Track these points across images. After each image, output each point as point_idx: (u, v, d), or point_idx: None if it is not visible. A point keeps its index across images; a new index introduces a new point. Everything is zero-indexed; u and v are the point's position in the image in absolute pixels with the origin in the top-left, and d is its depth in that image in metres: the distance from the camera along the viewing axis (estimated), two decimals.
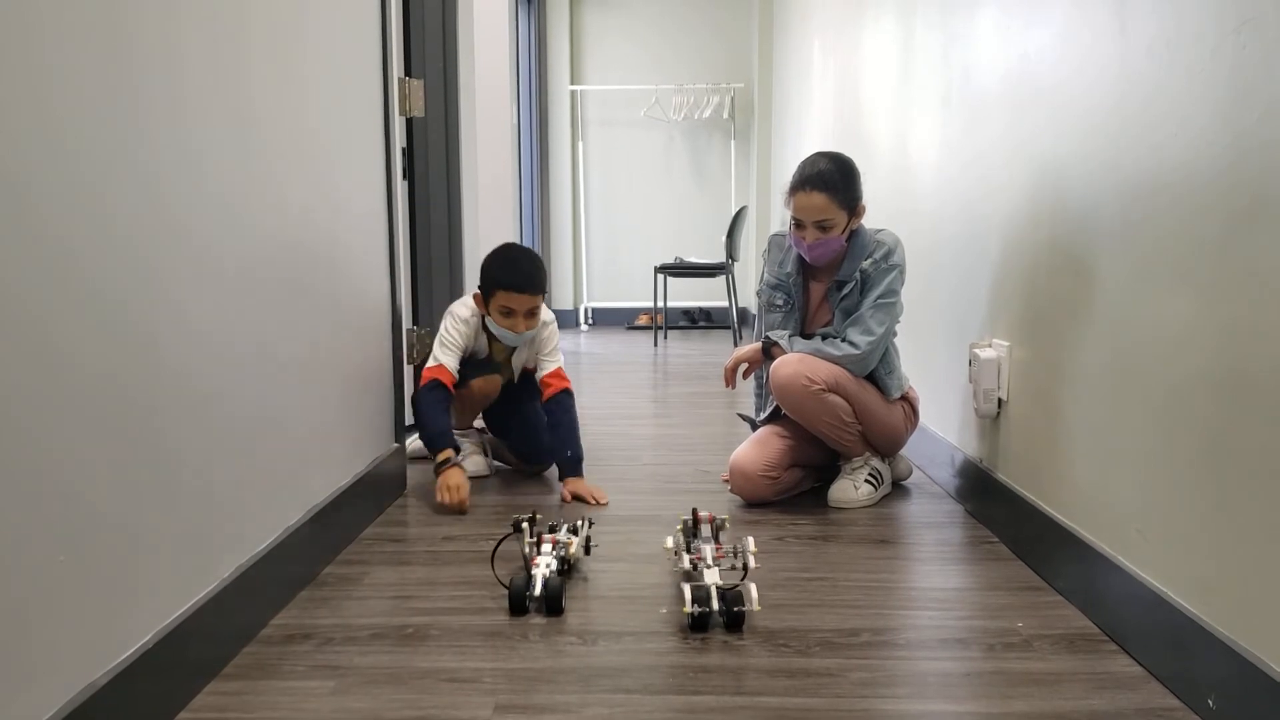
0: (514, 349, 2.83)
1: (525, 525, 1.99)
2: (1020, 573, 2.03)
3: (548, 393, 2.80)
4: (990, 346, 2.31)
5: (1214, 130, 1.41)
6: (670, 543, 1.96)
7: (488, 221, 4.31)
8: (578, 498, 2.60)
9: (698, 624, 1.71)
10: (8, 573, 1.10)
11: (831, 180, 2.46)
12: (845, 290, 2.53)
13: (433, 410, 2.60)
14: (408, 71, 3.18)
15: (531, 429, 2.88)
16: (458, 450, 2.63)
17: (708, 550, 1.85)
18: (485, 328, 2.76)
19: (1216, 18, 1.40)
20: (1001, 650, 1.65)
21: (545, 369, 2.82)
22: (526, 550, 1.96)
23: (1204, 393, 1.44)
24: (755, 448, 2.57)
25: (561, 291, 7.48)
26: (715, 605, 1.70)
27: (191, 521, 1.51)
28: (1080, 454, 1.87)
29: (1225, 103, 1.38)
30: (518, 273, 2.65)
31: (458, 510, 2.44)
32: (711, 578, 1.77)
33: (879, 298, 2.50)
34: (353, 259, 2.29)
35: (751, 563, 1.81)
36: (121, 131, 1.31)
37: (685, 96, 7.21)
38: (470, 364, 2.80)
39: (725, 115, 7.26)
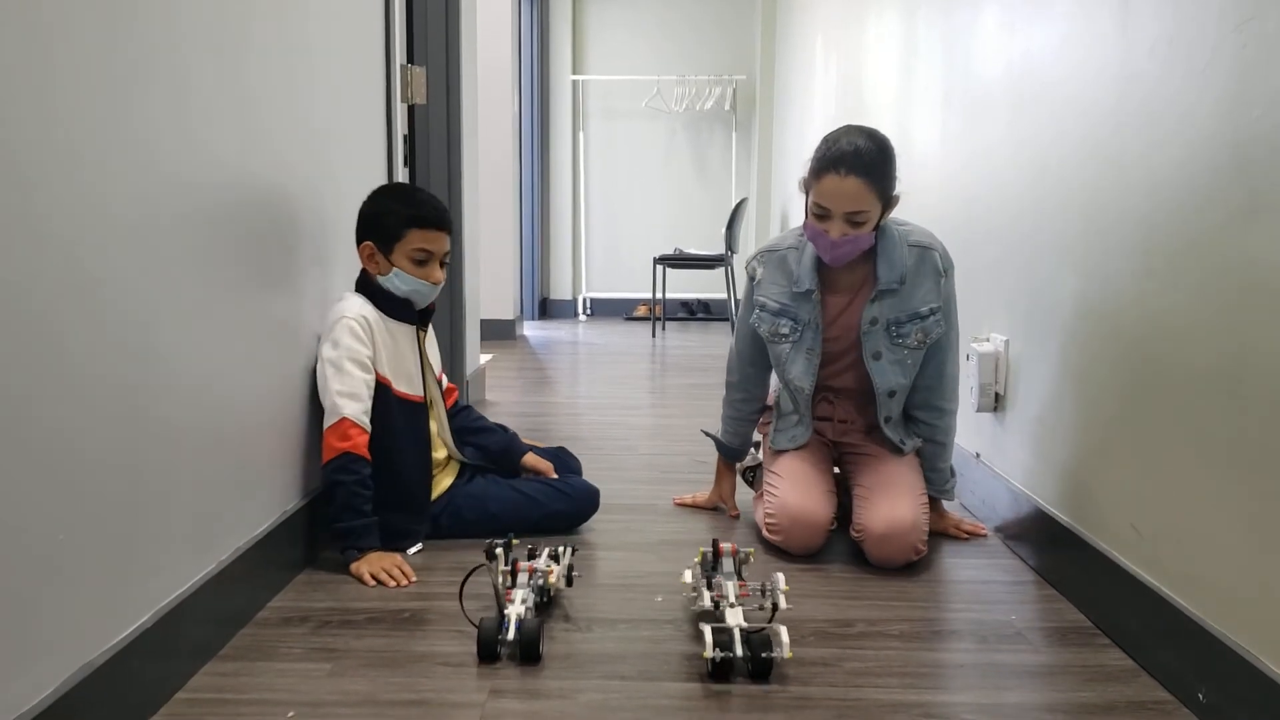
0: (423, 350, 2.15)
1: (499, 553, 1.68)
2: (1014, 566, 2.04)
3: (454, 399, 2.31)
4: (988, 341, 2.32)
5: (1214, 127, 1.42)
6: (688, 577, 1.71)
7: (488, 210, 4.31)
8: (536, 469, 2.29)
9: (719, 672, 1.50)
10: (7, 552, 1.10)
11: (871, 162, 1.95)
12: (886, 300, 2.09)
13: (351, 501, 1.91)
14: (410, 59, 3.18)
15: (513, 491, 2.21)
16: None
17: (730, 587, 1.59)
18: (382, 310, 2.04)
19: (1217, 16, 1.41)
20: (995, 642, 1.66)
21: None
22: (499, 581, 1.66)
23: (1200, 389, 1.45)
24: (811, 492, 2.09)
25: (561, 281, 7.48)
26: (739, 651, 1.49)
27: (190, 504, 1.51)
28: (1076, 449, 1.88)
29: (1225, 100, 1.39)
30: (428, 205, 2.06)
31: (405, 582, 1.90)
32: (734, 618, 1.55)
33: (955, 336, 2.15)
34: (354, 245, 2.28)
35: (782, 603, 1.56)
36: (123, 113, 1.31)
37: (687, 88, 7.20)
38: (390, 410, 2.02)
39: (726, 107, 7.25)
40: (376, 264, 2.05)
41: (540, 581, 1.71)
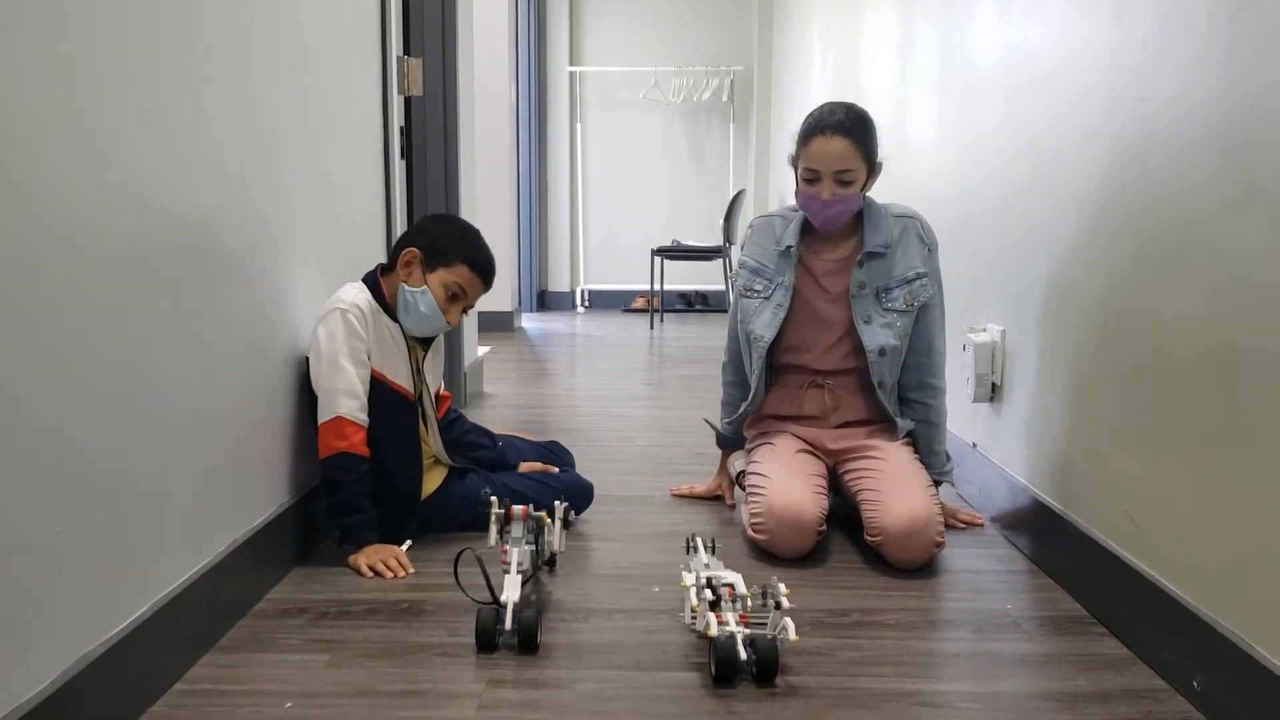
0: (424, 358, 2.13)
1: (493, 499, 1.75)
2: (1010, 555, 2.05)
3: (447, 406, 2.27)
4: (985, 331, 2.32)
5: (1207, 117, 1.42)
6: (687, 616, 1.60)
7: (485, 202, 4.30)
8: (535, 471, 2.28)
9: (722, 675, 1.46)
10: (6, 545, 1.10)
11: (854, 126, 2.09)
12: (873, 264, 2.16)
13: (349, 499, 1.92)
14: (406, 50, 3.17)
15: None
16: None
17: (731, 617, 1.52)
18: (385, 311, 2.01)
19: (1212, 5, 1.41)
20: (990, 631, 1.67)
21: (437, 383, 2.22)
22: (494, 531, 1.73)
23: (1195, 378, 1.45)
24: (800, 490, 2.02)
25: (558, 273, 7.47)
26: (743, 655, 1.46)
27: (187, 498, 1.52)
28: (1072, 438, 1.88)
29: (1218, 89, 1.39)
30: (486, 260, 2.06)
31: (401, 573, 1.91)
32: (739, 630, 1.50)
33: (942, 313, 2.22)
34: (351, 237, 2.29)
35: (785, 603, 1.51)
36: (121, 108, 1.31)
37: (684, 79, 7.19)
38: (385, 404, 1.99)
39: (724, 98, 7.24)
40: (409, 272, 2.00)
41: (535, 526, 1.74)
